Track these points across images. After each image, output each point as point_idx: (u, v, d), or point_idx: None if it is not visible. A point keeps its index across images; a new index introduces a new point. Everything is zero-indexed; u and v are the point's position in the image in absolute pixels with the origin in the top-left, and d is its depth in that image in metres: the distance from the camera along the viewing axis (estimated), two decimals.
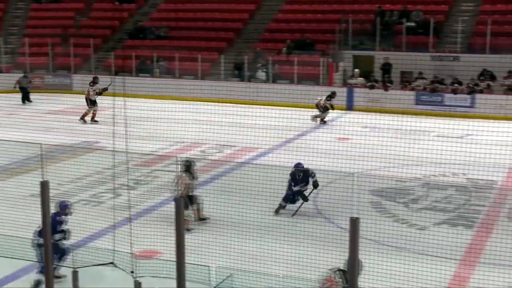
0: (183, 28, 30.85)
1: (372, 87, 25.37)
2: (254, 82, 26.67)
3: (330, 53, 27.21)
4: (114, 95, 10.94)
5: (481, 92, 23.93)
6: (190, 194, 12.00)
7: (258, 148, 17.22)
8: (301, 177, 12.55)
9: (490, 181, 14.45)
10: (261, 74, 27.55)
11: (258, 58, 28.02)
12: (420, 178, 14.95)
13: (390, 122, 17.99)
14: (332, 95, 22.64)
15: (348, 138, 18.09)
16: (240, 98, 23.08)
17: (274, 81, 27.05)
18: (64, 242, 9.61)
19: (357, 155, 15.26)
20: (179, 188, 11.80)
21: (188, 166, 12.16)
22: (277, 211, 12.52)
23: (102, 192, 13.76)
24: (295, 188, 12.52)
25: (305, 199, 12.55)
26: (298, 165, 12.60)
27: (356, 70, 26.34)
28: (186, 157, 13.68)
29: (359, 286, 6.87)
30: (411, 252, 10.41)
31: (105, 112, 19.51)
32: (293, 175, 12.55)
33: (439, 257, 10.08)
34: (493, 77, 24.42)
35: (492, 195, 14.10)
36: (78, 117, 22.12)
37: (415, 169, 15.25)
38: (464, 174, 14.98)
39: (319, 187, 12.48)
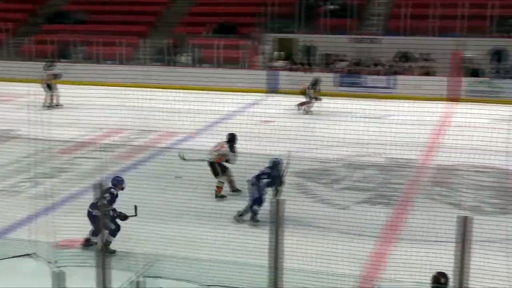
0: (103, 12, 30.28)
1: (294, 70, 25.60)
2: (177, 66, 26.49)
3: (253, 36, 27.28)
4: (32, 81, 10.66)
5: (400, 73, 24.55)
6: (224, 164, 12.62)
7: (182, 132, 17.15)
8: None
9: (409, 160, 14.87)
10: (183, 58, 27.39)
11: (180, 42, 27.82)
12: (342, 159, 15.24)
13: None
14: (316, 83, 21.94)
15: (271, 121, 18.21)
16: (163, 82, 22.86)
17: (196, 65, 26.95)
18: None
19: (281, 138, 15.39)
20: (216, 154, 12.54)
21: (232, 138, 12.83)
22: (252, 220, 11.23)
23: (20, 182, 13.42)
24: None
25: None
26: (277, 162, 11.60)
27: (279, 53, 26.51)
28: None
29: (283, 267, 7.00)
30: (333, 232, 10.61)
31: (22, 99, 18.99)
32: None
33: (360, 235, 10.33)
34: (411, 59, 25.07)
35: (411, 173, 14.51)
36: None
37: (337, 150, 15.52)
38: (384, 153, 15.34)
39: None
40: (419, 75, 24.42)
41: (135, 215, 9.49)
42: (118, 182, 9.94)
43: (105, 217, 8.85)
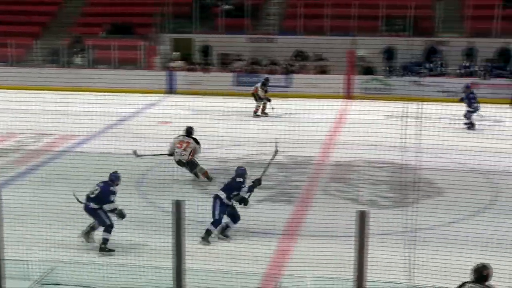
0: None
1: (192, 70, 25.55)
2: (72, 68, 25.85)
3: (149, 37, 27.00)
4: None
5: (296, 72, 24.98)
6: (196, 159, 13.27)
7: (78, 135, 16.75)
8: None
9: (308, 157, 15.14)
10: (79, 60, 26.75)
11: (75, 43, 27.16)
12: (242, 158, 15.30)
13: (211, 104, 18.22)
14: (265, 82, 21.76)
15: (169, 122, 18.08)
16: (58, 84, 22.27)
17: (93, 66, 26.39)
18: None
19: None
20: (187, 152, 13.06)
21: (190, 131, 13.37)
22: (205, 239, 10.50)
23: None
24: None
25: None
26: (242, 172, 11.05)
27: (176, 53, 26.37)
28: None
29: (187, 268, 6.96)
30: (236, 231, 10.66)
31: None
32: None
33: (263, 233, 10.44)
34: (306, 58, 25.56)
35: (310, 170, 14.78)
36: None
37: (237, 149, 15.59)
38: (283, 151, 15.51)
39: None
40: (315, 73, 24.91)
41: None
42: (115, 178, 10.22)
43: (101, 211, 9.88)
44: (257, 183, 10.93)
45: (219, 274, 8.60)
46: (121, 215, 9.98)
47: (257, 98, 21.51)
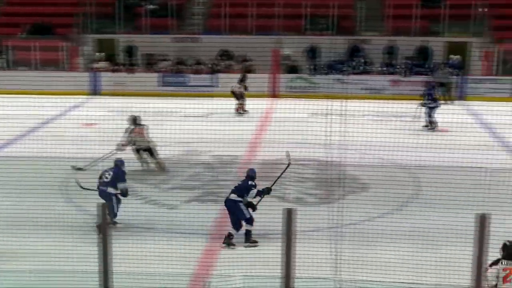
0: None
1: (116, 71, 25.20)
2: None
3: (71, 37, 26.47)
4: None
5: (221, 71, 25.00)
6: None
7: None
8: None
9: (234, 156, 15.17)
10: None
11: None
12: (168, 159, 15.21)
13: (136, 105, 18.00)
14: (243, 78, 21.87)
15: (94, 124, 17.79)
16: None
17: (13, 68, 25.67)
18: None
19: (105, 140, 15.08)
20: (147, 140, 13.37)
21: (135, 120, 13.36)
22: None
23: None
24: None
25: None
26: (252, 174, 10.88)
27: (100, 53, 25.95)
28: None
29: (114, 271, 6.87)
30: (163, 232, 10.57)
31: None
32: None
33: (191, 233, 10.39)
34: (231, 57, 25.61)
35: (237, 170, 14.80)
36: None
37: (163, 150, 15.48)
38: (210, 151, 15.52)
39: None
40: (241, 73, 24.96)
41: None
42: (121, 163, 11.30)
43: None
44: (266, 191, 10.73)
45: (147, 276, 8.52)
46: (125, 193, 10.99)
47: (238, 96, 21.55)
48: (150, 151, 14.56)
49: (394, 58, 25.31)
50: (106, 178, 10.99)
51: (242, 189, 10.57)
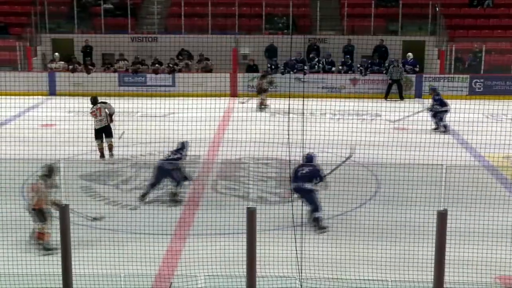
0: None
1: (74, 71, 24.90)
2: None
3: (27, 37, 26.06)
4: None
5: (180, 71, 24.90)
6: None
7: None
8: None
9: (195, 156, 15.11)
10: None
11: None
12: (128, 159, 15.10)
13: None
14: (265, 74, 22.76)
15: (52, 124, 17.54)
16: None
17: None
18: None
19: (64, 141, 14.90)
20: (104, 118, 12.83)
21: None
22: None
23: None
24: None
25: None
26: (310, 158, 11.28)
27: (56, 54, 25.59)
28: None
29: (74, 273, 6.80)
30: (125, 233, 10.50)
31: None
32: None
33: (153, 234, 10.34)
34: (190, 57, 25.53)
35: (198, 169, 14.77)
36: None
37: (122, 150, 15.37)
38: (170, 151, 15.41)
39: None
40: (200, 72, 24.91)
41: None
42: (184, 146, 12.60)
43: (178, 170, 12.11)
44: (322, 179, 11.05)
45: (109, 278, 8.45)
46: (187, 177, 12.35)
47: (259, 91, 22.43)
48: (107, 131, 15.34)
49: (352, 57, 25.53)
50: (169, 156, 12.37)
51: (313, 176, 10.89)
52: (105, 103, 15.53)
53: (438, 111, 18.67)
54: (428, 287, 7.58)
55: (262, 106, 22.15)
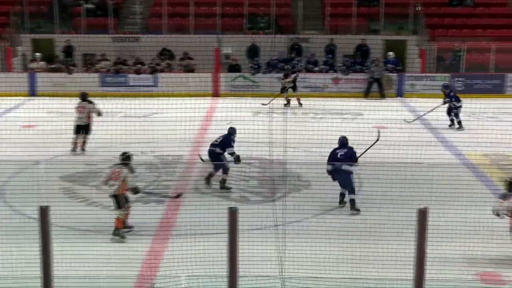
0: None
1: (55, 71, 24.74)
2: None
3: (6, 37, 25.86)
4: None
5: (162, 71, 24.83)
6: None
7: None
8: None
9: (177, 156, 15.09)
10: None
11: None
12: (109, 160, 15.01)
13: (74, 106, 17.73)
14: (287, 74, 22.60)
15: (33, 125, 17.44)
16: None
17: None
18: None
19: (44, 142, 14.82)
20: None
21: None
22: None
23: None
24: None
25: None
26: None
27: (37, 54, 25.42)
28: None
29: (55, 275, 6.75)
30: (107, 234, 10.45)
31: None
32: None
33: (135, 234, 10.30)
34: (172, 56, 25.47)
35: (180, 170, 14.75)
36: None
37: (104, 152, 15.29)
38: (152, 151, 15.40)
39: None
40: (182, 72, 24.85)
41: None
42: (233, 131, 13.15)
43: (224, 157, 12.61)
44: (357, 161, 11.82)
45: (91, 280, 8.41)
46: (238, 159, 12.84)
47: (282, 90, 22.32)
48: (87, 128, 16.07)
49: (334, 57, 25.60)
50: (216, 141, 13.03)
51: (350, 158, 11.66)
52: (91, 103, 16.32)
53: (454, 107, 18.84)
54: (408, 284, 7.61)
55: (287, 104, 22.28)
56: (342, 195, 11.78)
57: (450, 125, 18.80)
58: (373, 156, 11.99)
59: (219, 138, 13.12)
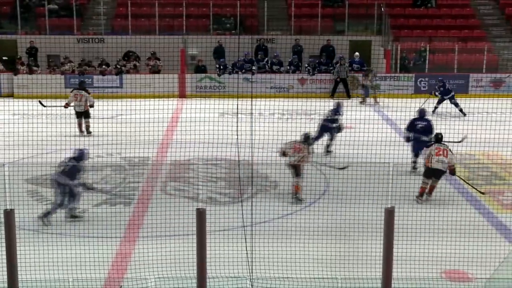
0: None
1: (17, 72, 24.41)
2: None
3: None
4: None
5: (127, 72, 24.67)
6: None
7: None
8: None
9: (144, 158, 15.01)
10: None
11: None
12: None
13: (40, 108, 17.55)
14: (367, 73, 23.70)
15: None
16: None
17: None
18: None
19: (8, 144, 14.62)
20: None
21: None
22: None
23: None
24: None
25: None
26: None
27: None
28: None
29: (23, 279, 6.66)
30: (73, 236, 10.35)
31: None
32: None
33: (102, 237, 10.21)
34: (137, 58, 25.32)
35: (147, 171, 14.67)
36: None
37: (69, 154, 15.12)
38: (118, 153, 15.29)
39: None
40: (148, 73, 24.74)
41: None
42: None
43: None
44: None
45: (58, 283, 8.32)
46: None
47: (361, 86, 24.05)
48: (86, 114, 17.60)
49: (300, 57, 25.71)
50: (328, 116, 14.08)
51: (429, 130, 12.85)
52: (88, 92, 18.07)
53: (451, 99, 20.81)
54: (376, 283, 7.68)
55: (375, 102, 23.10)
56: (414, 162, 13.28)
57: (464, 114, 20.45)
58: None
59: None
